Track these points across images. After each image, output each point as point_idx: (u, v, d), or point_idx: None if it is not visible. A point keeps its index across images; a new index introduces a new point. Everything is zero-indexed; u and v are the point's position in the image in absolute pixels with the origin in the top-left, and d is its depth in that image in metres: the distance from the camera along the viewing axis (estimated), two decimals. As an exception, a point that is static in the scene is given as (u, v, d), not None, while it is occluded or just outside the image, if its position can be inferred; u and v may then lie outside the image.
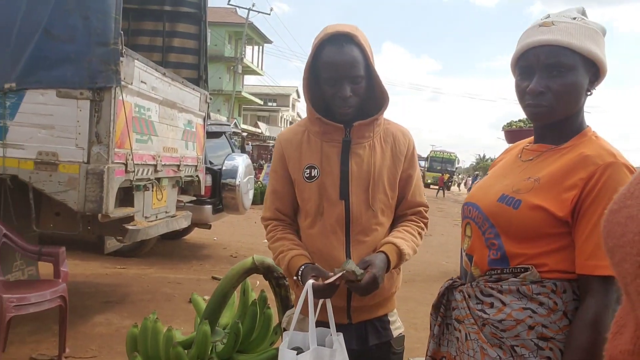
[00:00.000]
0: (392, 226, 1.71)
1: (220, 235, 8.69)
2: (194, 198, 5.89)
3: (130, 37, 6.26)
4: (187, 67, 6.13)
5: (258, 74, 39.08)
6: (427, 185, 33.84)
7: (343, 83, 1.55)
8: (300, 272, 1.55)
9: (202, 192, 5.85)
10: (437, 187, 31.32)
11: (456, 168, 44.64)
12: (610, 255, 0.98)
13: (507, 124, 5.22)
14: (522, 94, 1.30)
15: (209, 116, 19.15)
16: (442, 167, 37.54)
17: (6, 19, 3.63)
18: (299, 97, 51.18)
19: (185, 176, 5.24)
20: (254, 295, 2.10)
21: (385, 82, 1.66)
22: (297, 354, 1.42)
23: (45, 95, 3.66)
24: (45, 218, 4.04)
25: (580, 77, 1.25)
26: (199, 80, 6.02)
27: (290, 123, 48.73)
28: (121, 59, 3.70)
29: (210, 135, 7.49)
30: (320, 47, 1.58)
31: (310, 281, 1.45)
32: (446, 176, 34.48)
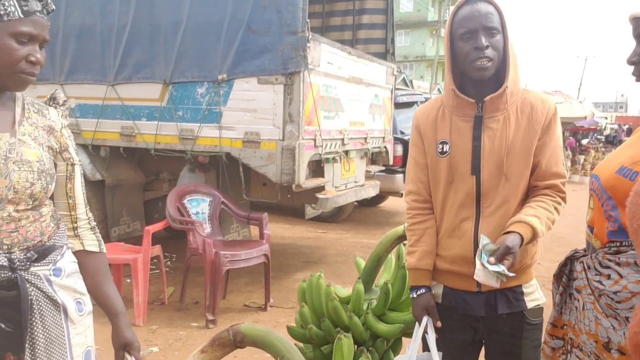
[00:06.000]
0: (527, 198, 1.69)
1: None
2: (383, 168, 6.19)
3: (324, 19, 6.77)
4: (375, 42, 6.38)
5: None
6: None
7: (478, 33, 1.57)
8: (417, 293, 1.74)
9: (391, 162, 6.12)
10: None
11: None
12: (635, 237, 0.95)
13: None
14: None
15: (411, 84, 19.05)
16: None
17: (217, 20, 4.29)
18: (508, 56, 47.84)
19: (373, 147, 5.56)
20: (408, 260, 2.27)
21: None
22: None
23: (249, 83, 4.26)
24: (255, 188, 4.74)
25: None
26: (386, 54, 6.23)
27: (499, 85, 45.86)
28: (308, 44, 4.11)
29: (402, 105, 7.70)
30: (456, 10, 1.64)
31: (430, 322, 1.71)
32: None
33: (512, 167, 1.63)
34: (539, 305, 1.70)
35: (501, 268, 1.47)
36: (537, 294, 1.72)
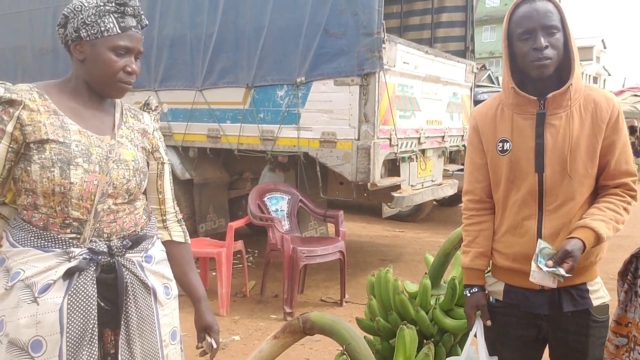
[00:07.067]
0: (595, 195, 1.67)
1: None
2: (462, 167, 6.11)
3: (402, 19, 6.79)
4: (455, 39, 6.31)
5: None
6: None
7: (537, 33, 1.57)
8: (470, 291, 1.80)
9: (470, 161, 6.02)
10: None
11: None
12: None
13: None
14: None
15: (497, 81, 18.50)
16: None
17: (296, 25, 4.47)
18: (604, 47, 44.88)
19: (451, 146, 5.52)
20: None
21: None
22: None
23: (325, 85, 4.40)
24: (332, 187, 4.88)
25: None
26: (465, 51, 6.14)
27: (594, 79, 43.31)
28: (383, 45, 4.18)
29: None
30: (514, 9, 1.65)
31: (480, 324, 1.77)
32: None
33: (576, 164, 1.62)
34: (604, 302, 1.68)
35: (559, 270, 1.49)
36: (602, 292, 1.69)
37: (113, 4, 1.46)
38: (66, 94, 1.50)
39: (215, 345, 1.69)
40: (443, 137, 5.32)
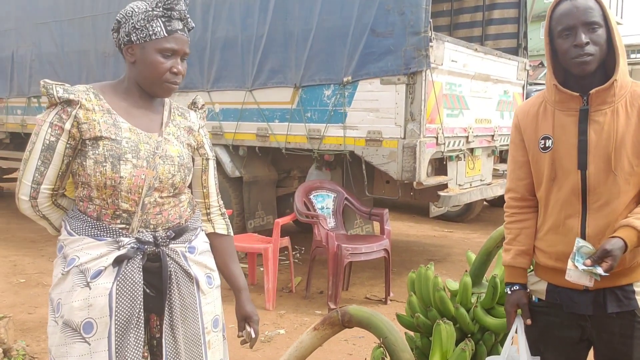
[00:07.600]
0: None
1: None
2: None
3: (452, 17, 6.70)
4: (507, 37, 6.18)
5: (617, 23, 34.09)
6: None
7: (577, 30, 1.55)
8: (511, 289, 1.77)
9: (522, 160, 5.87)
10: None
11: None
12: None
13: None
14: None
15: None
16: None
17: (343, 25, 4.51)
18: (674, 42, 42.38)
19: (501, 145, 5.40)
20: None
21: None
22: None
23: (372, 84, 4.42)
24: (378, 185, 4.89)
25: None
26: (518, 49, 6.00)
27: (662, 75, 41.02)
28: (430, 44, 4.16)
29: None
30: (555, 6, 1.63)
31: (521, 323, 1.74)
32: None
33: (621, 161, 1.58)
34: None
35: (597, 269, 1.46)
36: None
37: (161, 9, 1.55)
38: (119, 94, 1.61)
39: (254, 335, 1.75)
40: (493, 135, 5.22)
